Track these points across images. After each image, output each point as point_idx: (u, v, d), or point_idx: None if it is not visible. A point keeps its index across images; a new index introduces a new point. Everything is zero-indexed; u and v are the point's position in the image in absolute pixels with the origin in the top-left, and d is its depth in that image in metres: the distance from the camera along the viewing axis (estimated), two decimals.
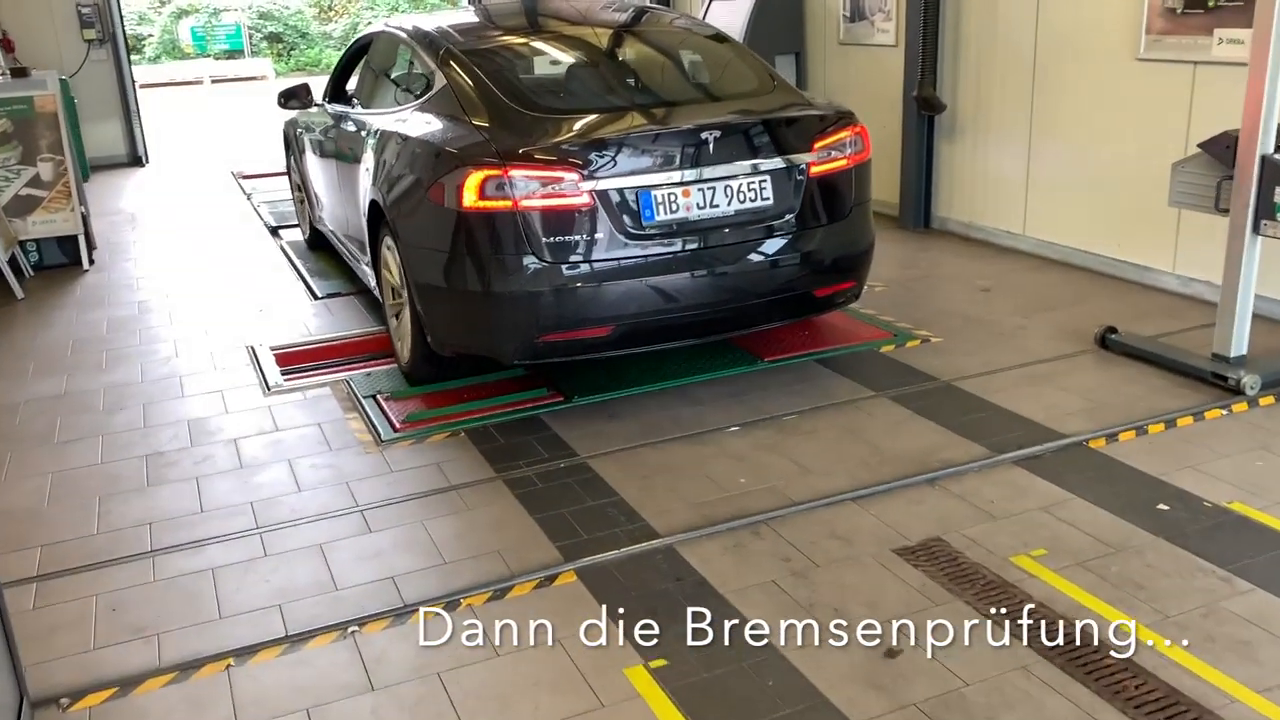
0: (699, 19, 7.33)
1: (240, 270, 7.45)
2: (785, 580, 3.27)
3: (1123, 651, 2.87)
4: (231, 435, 4.60)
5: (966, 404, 4.54)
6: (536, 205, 4.17)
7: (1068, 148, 6.36)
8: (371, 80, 6.28)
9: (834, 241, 4.69)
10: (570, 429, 4.47)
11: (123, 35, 12.30)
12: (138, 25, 29.05)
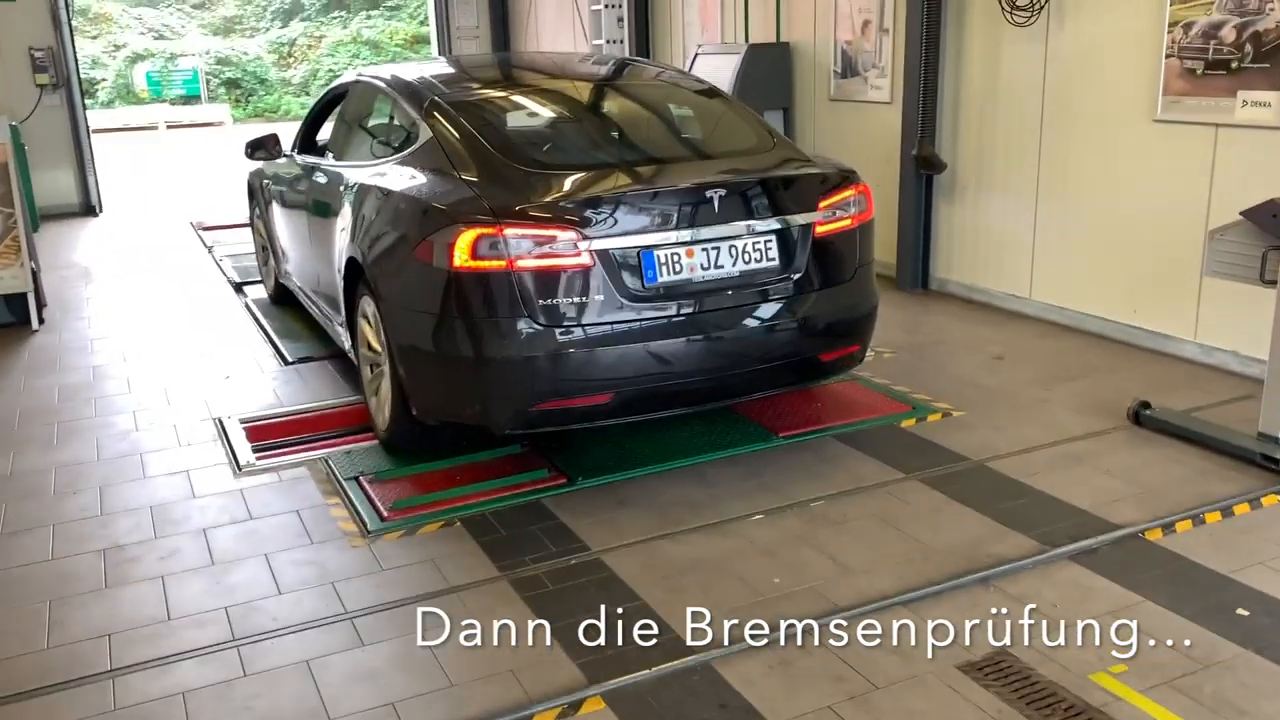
0: (689, 72, 7.10)
1: (203, 331, 6.99)
2: (844, 707, 2.90)
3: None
4: (200, 524, 4.14)
5: (1004, 488, 4.21)
6: (532, 265, 3.93)
7: (1078, 210, 6.14)
8: (347, 131, 5.99)
9: (840, 304, 4.48)
10: (578, 517, 4.08)
11: (78, 80, 11.84)
12: (90, 69, 28.50)
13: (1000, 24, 6.39)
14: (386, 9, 33.73)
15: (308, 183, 5.92)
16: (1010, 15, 6.19)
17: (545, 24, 12.74)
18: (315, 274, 5.87)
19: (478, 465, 4.57)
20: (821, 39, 8.06)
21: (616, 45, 10.63)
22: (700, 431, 4.84)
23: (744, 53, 8.19)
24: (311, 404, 5.47)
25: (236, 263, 8.97)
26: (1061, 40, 6.07)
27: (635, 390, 4.11)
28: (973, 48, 6.69)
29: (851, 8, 7.67)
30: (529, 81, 5.65)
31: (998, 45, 6.49)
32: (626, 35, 10.56)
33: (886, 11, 7.34)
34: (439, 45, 13.96)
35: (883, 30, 7.41)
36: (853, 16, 7.68)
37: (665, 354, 4.09)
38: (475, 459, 4.62)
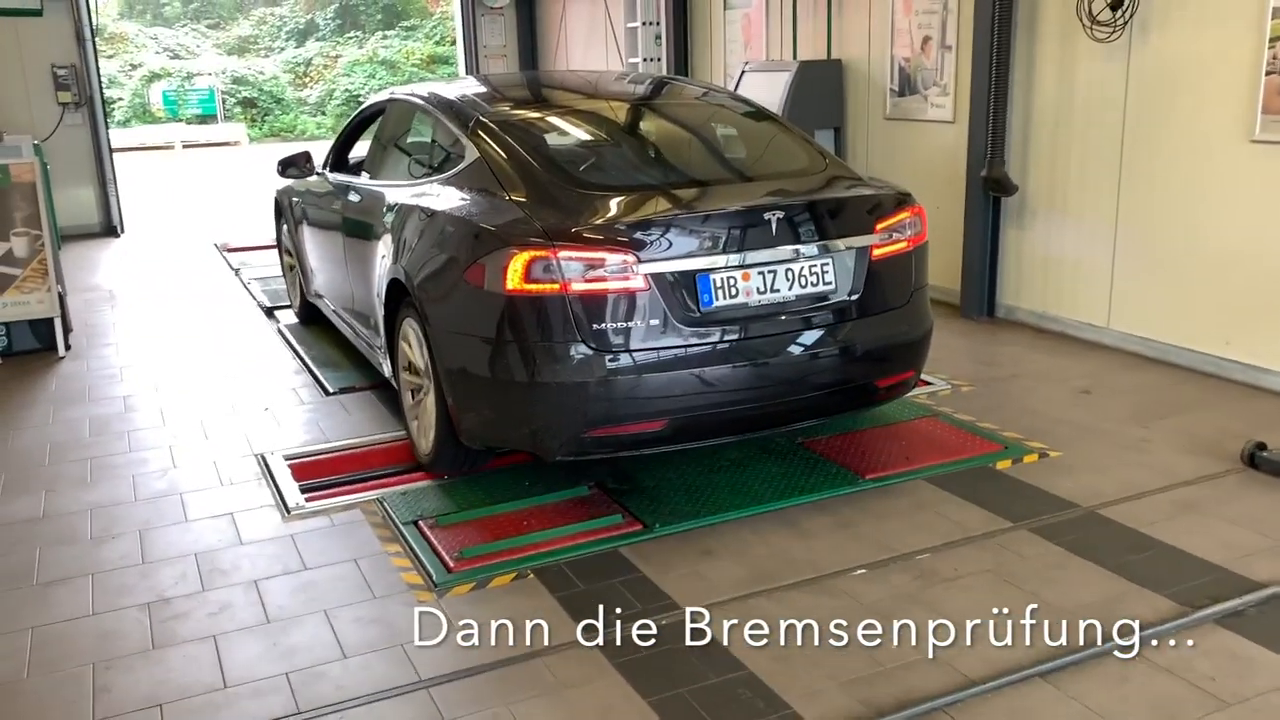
0: (734, 92, 6.83)
1: (236, 358, 6.68)
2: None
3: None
4: (250, 575, 3.82)
5: (1124, 539, 3.87)
6: (587, 289, 3.81)
7: (1164, 235, 5.81)
8: (383, 150, 5.83)
9: (896, 328, 4.32)
10: (661, 569, 3.74)
11: (100, 98, 11.59)
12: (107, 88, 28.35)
13: (1077, 40, 6.08)
14: (403, 29, 33.61)
15: (342, 202, 5.77)
16: (1091, 31, 5.89)
17: (576, 43, 12.49)
18: (350, 294, 5.69)
19: (545, 509, 4.25)
20: (877, 56, 7.76)
21: (654, 64, 10.35)
22: (778, 473, 4.52)
23: (795, 70, 7.90)
24: (358, 438, 5.16)
25: (265, 286, 8.68)
26: (1146, 56, 5.76)
27: (690, 417, 3.98)
28: (1045, 65, 6.38)
29: (910, 24, 7.38)
30: (571, 101, 5.45)
31: (1073, 62, 6.18)
32: (664, 53, 10.28)
33: (949, 27, 7.05)
34: (466, 64, 13.70)
35: (945, 47, 7.11)
36: (911, 32, 7.38)
37: (720, 380, 3.96)
38: (541, 501, 4.31)
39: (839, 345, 4.19)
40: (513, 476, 4.54)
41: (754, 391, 4.05)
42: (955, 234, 7.05)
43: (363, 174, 5.79)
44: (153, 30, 33.43)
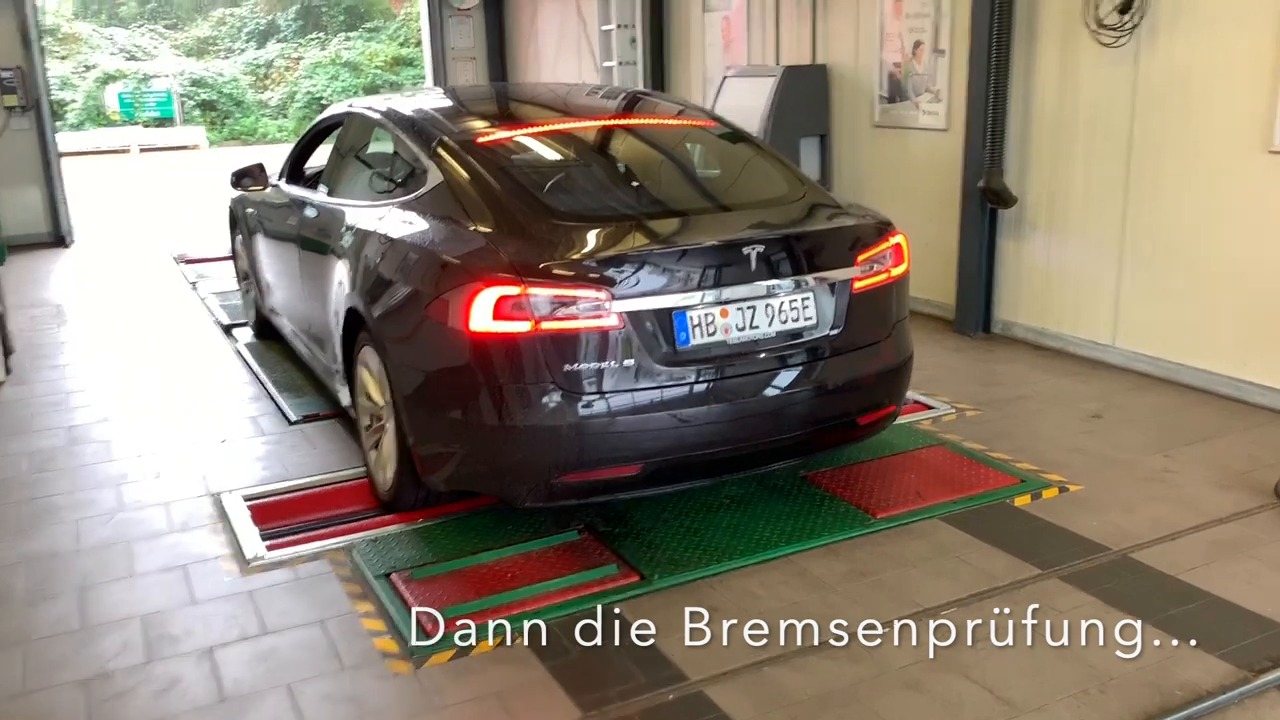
0: (707, 109, 6.49)
1: (192, 382, 6.25)
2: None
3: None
4: (204, 641, 3.42)
5: (1163, 589, 3.56)
6: (558, 327, 3.55)
7: (1174, 249, 5.54)
8: (341, 165, 5.46)
9: (878, 362, 4.12)
10: (664, 630, 3.38)
11: (47, 103, 11.07)
12: (60, 90, 27.60)
13: (1080, 44, 5.80)
14: (366, 30, 33.03)
15: (298, 217, 5.46)
16: (1096, 34, 5.60)
17: (547, 46, 12.11)
18: (306, 316, 5.38)
19: (531, 557, 3.89)
20: (865, 61, 7.45)
21: (629, 67, 9.99)
22: (783, 513, 4.19)
23: (780, 76, 7.57)
24: (324, 474, 4.76)
25: (224, 301, 8.24)
26: (1155, 62, 5.48)
27: (667, 460, 3.75)
28: (1046, 71, 6.10)
29: (900, 27, 7.08)
30: (540, 119, 5.10)
31: (1076, 68, 5.90)
32: (640, 57, 9.93)
33: (942, 31, 6.75)
34: (433, 67, 13.28)
35: (937, 51, 6.82)
36: (902, 37, 7.08)
37: (698, 421, 3.73)
38: (527, 549, 3.94)
39: (820, 382, 3.96)
40: (494, 519, 4.18)
41: (733, 432, 3.83)
42: (948, 246, 6.76)
43: (320, 188, 5.44)
44: (108, 31, 32.62)
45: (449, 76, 13.09)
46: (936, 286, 6.87)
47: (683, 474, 3.90)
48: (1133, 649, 3.20)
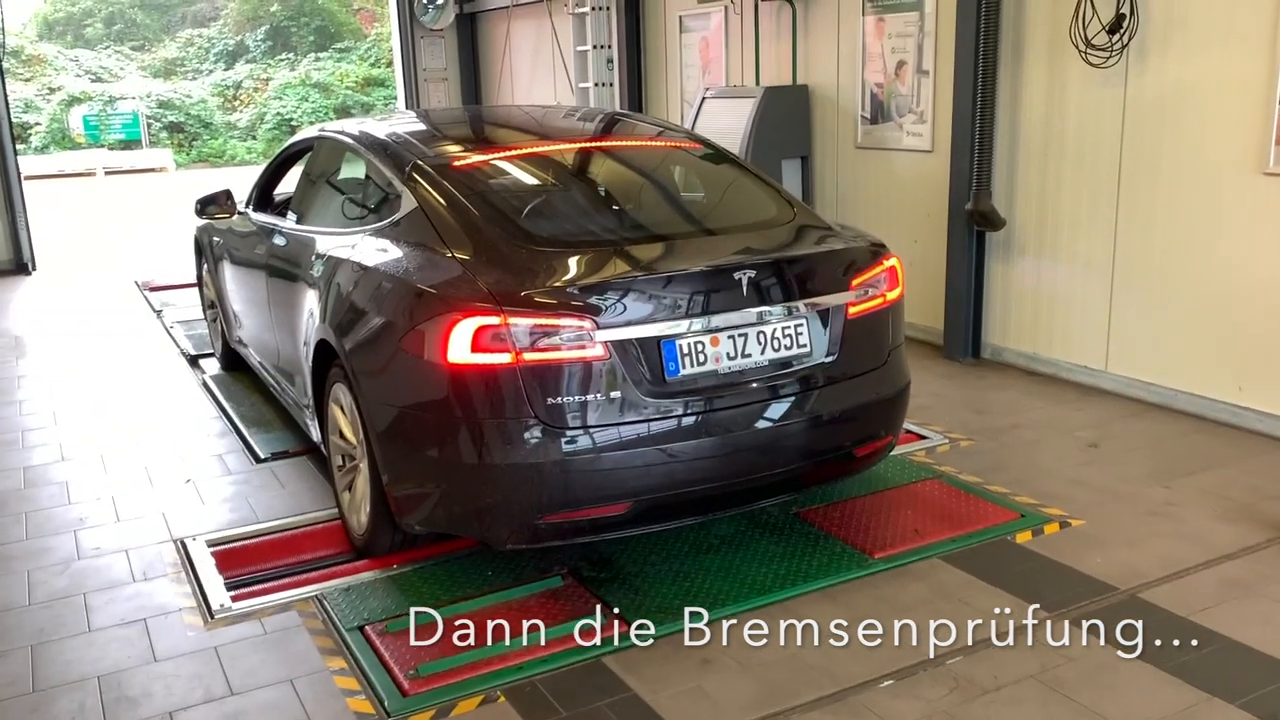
0: (690, 130, 6.36)
1: (156, 418, 6.01)
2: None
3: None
4: (164, 705, 3.19)
5: (1175, 631, 3.40)
6: (539, 359, 3.39)
7: (1166, 273, 5.42)
8: (311, 192, 5.29)
9: (875, 391, 3.96)
10: (655, 685, 3.20)
11: (8, 126, 10.77)
12: (24, 113, 27.23)
13: (1068, 65, 5.70)
14: (336, 50, 32.85)
15: (266, 245, 5.29)
16: (1085, 55, 5.50)
17: (522, 67, 11.95)
18: (275, 349, 5.20)
19: (513, 606, 3.68)
20: (846, 81, 7.34)
21: (606, 89, 9.86)
22: (776, 554, 4.01)
23: (760, 96, 7.44)
24: (293, 516, 4.55)
25: (189, 330, 7.99)
26: (1145, 82, 5.38)
27: (655, 499, 3.57)
28: (1033, 91, 5.99)
29: (883, 47, 6.97)
30: (517, 142, 4.97)
31: (1064, 88, 5.80)
32: (617, 79, 9.79)
33: (925, 51, 6.65)
34: (405, 88, 13.08)
35: (921, 72, 6.71)
36: (884, 57, 6.97)
37: (688, 456, 3.55)
38: (507, 597, 3.75)
39: (815, 413, 3.78)
40: (471, 564, 3.98)
41: (724, 467, 3.66)
42: (935, 269, 6.64)
43: (289, 215, 5.25)
44: (73, 52, 32.27)
45: (421, 98, 12.90)
46: (924, 311, 6.73)
47: (672, 512, 3.71)
48: (1150, 698, 3.05)
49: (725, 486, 3.70)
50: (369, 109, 29.25)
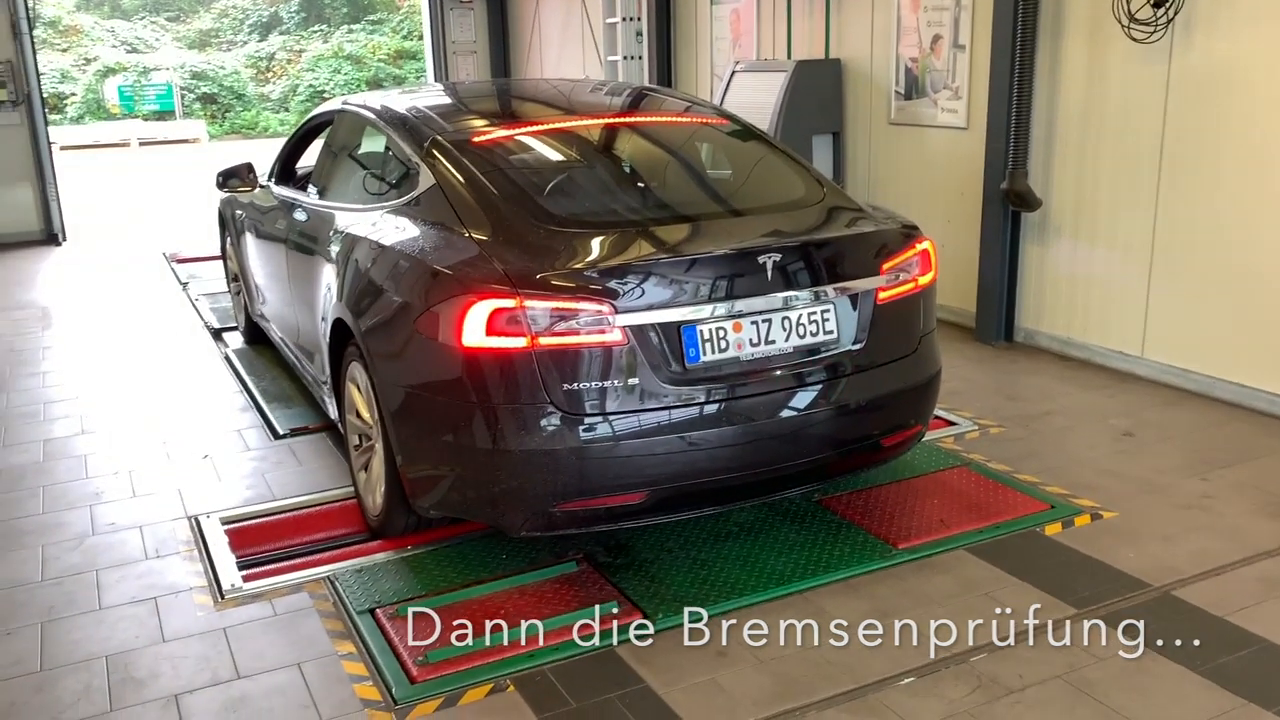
0: (719, 105, 6.21)
1: (177, 391, 5.99)
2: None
3: None
4: (171, 687, 3.15)
5: (1210, 632, 3.28)
6: (556, 343, 3.29)
7: (1208, 257, 5.24)
8: (332, 166, 5.21)
9: (904, 379, 3.83)
10: (668, 677, 3.11)
11: (39, 97, 10.80)
12: (59, 84, 27.42)
13: (1111, 40, 5.51)
14: (369, 23, 32.75)
15: (286, 220, 5.23)
16: (1129, 30, 5.30)
17: (550, 39, 11.81)
18: (295, 325, 5.15)
19: (526, 591, 3.61)
20: (880, 56, 7.16)
21: (635, 62, 9.70)
22: (797, 543, 3.91)
23: (792, 70, 7.28)
24: (308, 495, 4.50)
25: (214, 303, 7.98)
26: (1190, 60, 5.18)
27: (674, 488, 3.47)
28: (1073, 67, 5.80)
29: (918, 21, 6.78)
30: (540, 117, 4.83)
31: (1106, 64, 5.60)
32: (646, 51, 9.64)
33: (962, 25, 6.46)
34: (433, 61, 13.00)
35: (957, 46, 6.52)
36: (920, 31, 6.79)
37: (708, 445, 3.45)
38: (521, 582, 3.68)
39: (841, 401, 3.65)
40: (485, 547, 3.92)
41: (746, 457, 3.55)
42: (968, 250, 6.48)
43: (310, 189, 5.18)
44: (109, 23, 32.35)
45: (450, 70, 12.81)
46: (956, 292, 6.58)
47: (691, 502, 3.62)
48: (1182, 703, 2.93)
49: (746, 476, 3.59)
50: (400, 81, 29.18)
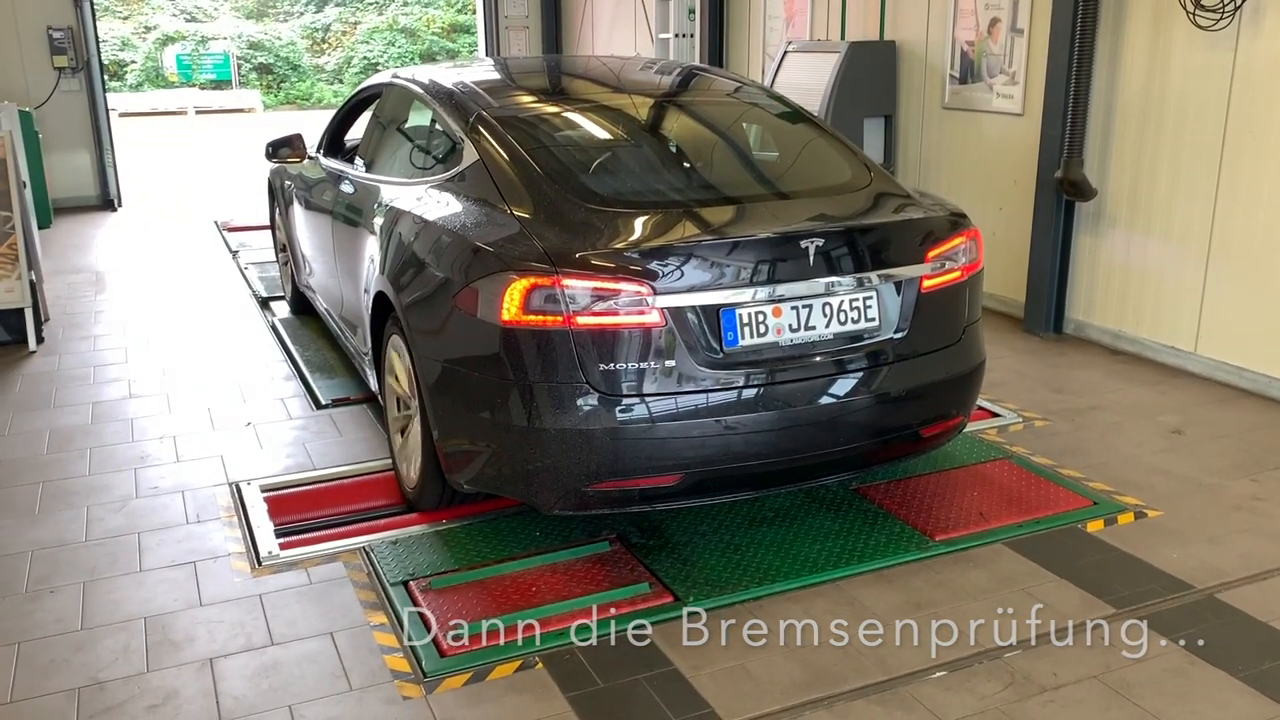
0: (768, 87, 6.12)
1: (223, 358, 6.07)
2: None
3: None
4: (206, 650, 3.20)
5: (1255, 637, 3.20)
6: (594, 323, 3.29)
7: (1267, 253, 5.10)
8: (379, 139, 5.23)
9: (946, 369, 3.76)
10: (697, 662, 3.10)
11: (99, 64, 10.97)
12: (120, 51, 27.82)
13: (1174, 27, 5.36)
14: None
15: (333, 192, 5.27)
16: (1193, 16, 5.15)
17: (603, 15, 11.76)
18: (339, 296, 5.20)
19: (558, 569, 3.62)
20: (935, 38, 7.04)
21: (686, 40, 9.63)
22: (832, 531, 3.88)
23: (845, 51, 7.17)
24: (348, 465, 4.55)
25: (263, 272, 8.07)
26: (1258, 48, 5.03)
27: (708, 471, 3.44)
28: (1134, 54, 5.65)
29: (976, 3, 6.65)
30: (587, 95, 4.79)
31: (1168, 51, 5.45)
32: (698, 29, 9.56)
33: (1021, 9, 6.32)
34: (485, 36, 13.00)
35: (1015, 30, 6.39)
36: (977, 13, 6.65)
37: (745, 429, 3.42)
38: (553, 560, 3.68)
39: (881, 390, 3.60)
40: (520, 524, 3.93)
41: (783, 443, 3.51)
42: (1019, 238, 6.37)
43: (357, 161, 5.21)
44: None
45: (502, 45, 12.80)
46: (1005, 281, 6.47)
47: (726, 486, 3.59)
48: (1222, 709, 2.86)
49: (782, 462, 3.55)
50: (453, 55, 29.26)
